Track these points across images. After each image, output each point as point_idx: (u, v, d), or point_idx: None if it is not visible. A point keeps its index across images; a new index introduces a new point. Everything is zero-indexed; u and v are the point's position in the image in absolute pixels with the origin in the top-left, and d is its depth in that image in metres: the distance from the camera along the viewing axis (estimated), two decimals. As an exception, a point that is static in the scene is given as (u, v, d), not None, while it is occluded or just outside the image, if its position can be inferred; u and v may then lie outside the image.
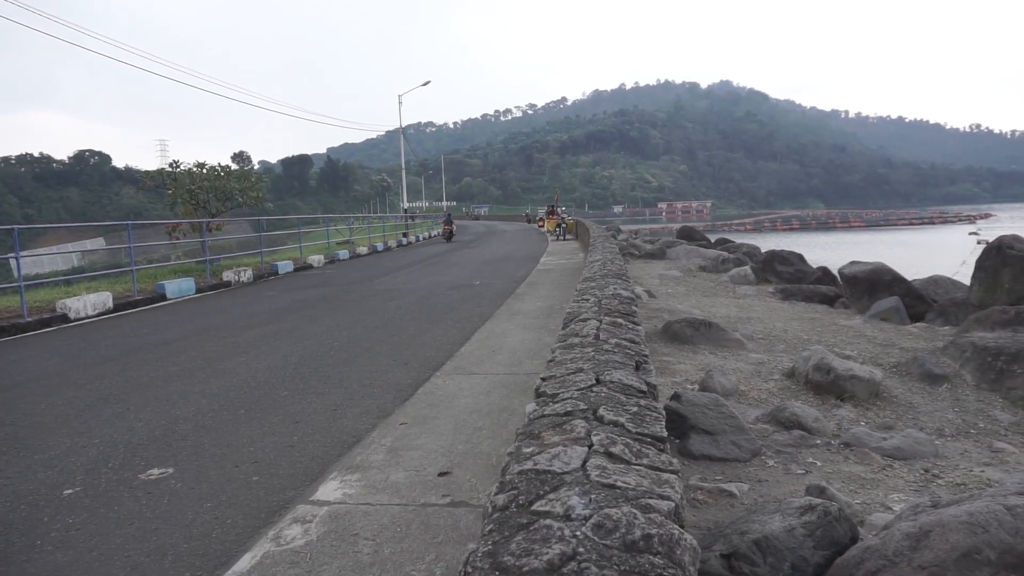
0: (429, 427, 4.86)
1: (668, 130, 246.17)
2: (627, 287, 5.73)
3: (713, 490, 3.85)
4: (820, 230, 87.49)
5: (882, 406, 5.97)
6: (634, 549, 1.22)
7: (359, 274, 16.99)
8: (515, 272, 15.80)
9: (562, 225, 31.75)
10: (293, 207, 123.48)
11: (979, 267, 9.43)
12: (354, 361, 7.01)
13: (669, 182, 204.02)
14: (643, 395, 2.35)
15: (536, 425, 1.99)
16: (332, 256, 22.04)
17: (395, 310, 10.39)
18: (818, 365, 6.21)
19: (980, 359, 6.83)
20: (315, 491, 3.79)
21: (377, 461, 4.23)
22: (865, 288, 11.12)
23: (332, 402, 5.56)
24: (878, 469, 4.47)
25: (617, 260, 9.02)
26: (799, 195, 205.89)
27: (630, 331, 3.52)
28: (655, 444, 1.86)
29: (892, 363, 7.24)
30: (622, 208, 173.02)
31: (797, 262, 15.68)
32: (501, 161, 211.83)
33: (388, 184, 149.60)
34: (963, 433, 5.52)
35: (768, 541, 2.63)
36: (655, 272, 15.70)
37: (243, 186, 20.00)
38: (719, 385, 5.81)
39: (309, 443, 4.59)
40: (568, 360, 2.82)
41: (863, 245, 54.05)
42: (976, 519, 2.27)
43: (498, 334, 8.23)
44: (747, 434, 4.66)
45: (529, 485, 1.53)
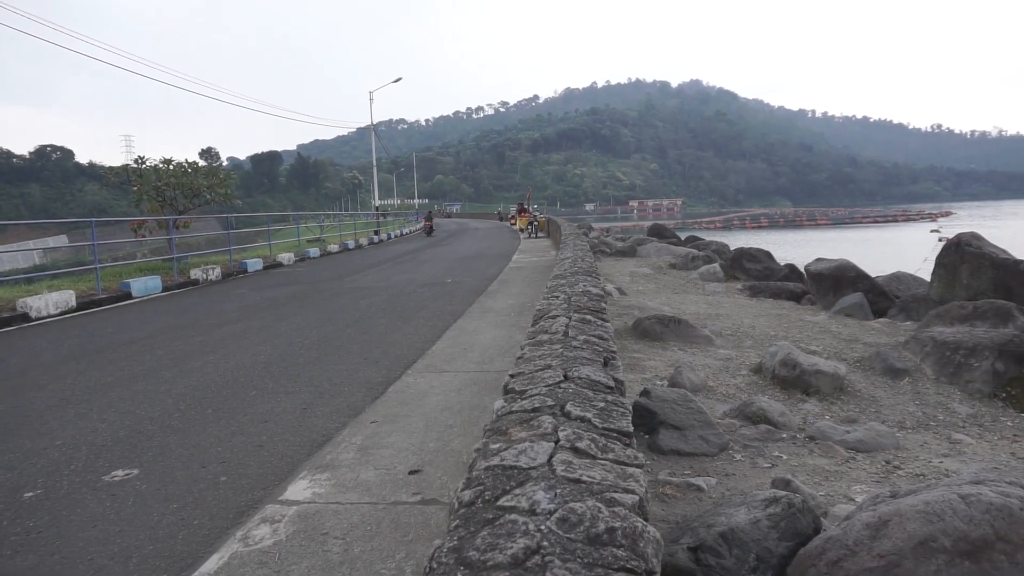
0: (400, 425, 4.85)
1: (639, 129, 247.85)
2: (597, 284, 5.77)
3: (681, 484, 3.90)
4: (788, 228, 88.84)
5: (846, 400, 6.09)
6: (598, 542, 1.24)
7: (330, 272, 16.85)
8: (487, 270, 15.80)
9: (534, 223, 31.86)
10: (263, 204, 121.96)
11: (939, 264, 9.67)
12: (324, 359, 6.96)
13: (640, 180, 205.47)
14: (610, 391, 2.38)
15: (504, 421, 2.01)
16: (303, 254, 21.82)
17: (366, 308, 10.33)
18: (784, 360, 6.32)
19: (939, 353, 7.01)
20: (284, 491, 3.76)
21: (347, 460, 4.21)
22: (830, 285, 11.34)
23: (302, 401, 5.51)
24: (842, 461, 4.56)
25: (587, 258, 9.07)
26: (767, 193, 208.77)
27: (599, 328, 3.55)
28: (621, 439, 1.89)
29: (856, 358, 7.39)
30: (594, 206, 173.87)
31: (765, 259, 15.91)
32: (473, 159, 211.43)
33: (359, 181, 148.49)
34: (923, 425, 5.66)
35: (734, 533, 2.68)
36: (626, 269, 15.81)
37: (211, 183, 19.67)
38: (688, 381, 5.89)
39: (278, 442, 4.55)
40: (537, 357, 2.84)
41: (829, 243, 55.03)
42: (932, 508, 2.34)
43: (469, 332, 8.23)
44: (715, 429, 4.72)
45: (495, 481, 1.54)
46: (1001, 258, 8.81)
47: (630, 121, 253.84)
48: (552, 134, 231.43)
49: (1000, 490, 2.43)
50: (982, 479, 2.60)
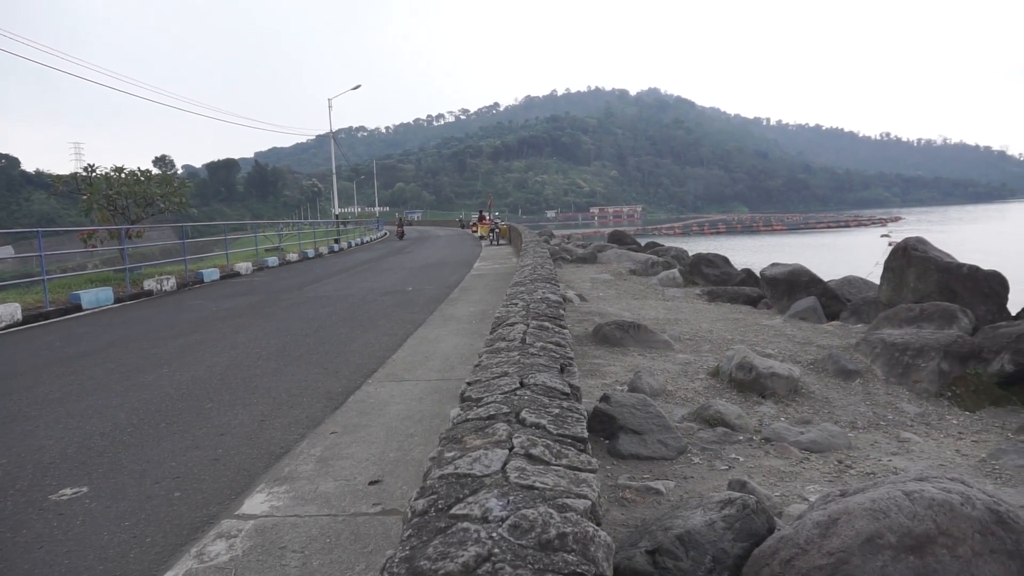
0: (360, 435, 4.81)
1: (599, 136, 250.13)
2: (556, 291, 5.81)
3: (641, 488, 3.94)
4: (745, 233, 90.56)
5: (800, 402, 6.23)
6: (549, 548, 1.25)
7: (289, 281, 16.62)
8: (449, 277, 15.77)
9: (495, 230, 31.94)
10: (220, 213, 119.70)
11: (887, 268, 9.97)
12: (283, 370, 6.87)
13: (601, 187, 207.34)
14: (566, 397, 2.40)
15: (459, 429, 2.01)
16: (261, 263, 21.48)
17: (326, 317, 10.22)
18: (741, 364, 6.43)
19: (889, 355, 7.22)
20: (241, 505, 3.70)
21: (306, 471, 4.16)
22: (785, 289, 11.59)
23: (260, 413, 5.43)
24: (796, 462, 4.66)
25: (547, 265, 9.12)
26: (725, 199, 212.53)
27: (556, 334, 3.58)
28: (575, 444, 1.91)
29: (810, 360, 7.56)
30: (555, 213, 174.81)
31: (723, 265, 16.20)
32: (434, 166, 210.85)
33: (319, 189, 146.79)
34: (874, 425, 5.82)
35: (690, 535, 2.72)
36: (587, 276, 15.93)
37: (165, 191, 19.28)
38: (647, 386, 5.95)
39: (235, 455, 4.47)
40: (494, 364, 2.85)
41: (785, 248, 56.26)
42: (878, 505, 2.41)
43: (431, 340, 8.21)
44: (674, 433, 4.79)
45: (449, 489, 1.54)
46: (945, 262, 9.12)
47: (590, 129, 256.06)
48: (513, 141, 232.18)
49: (942, 486, 2.51)
50: (925, 476, 2.69)
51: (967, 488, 2.53)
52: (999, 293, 8.73)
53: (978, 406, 6.57)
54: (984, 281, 8.77)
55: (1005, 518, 2.39)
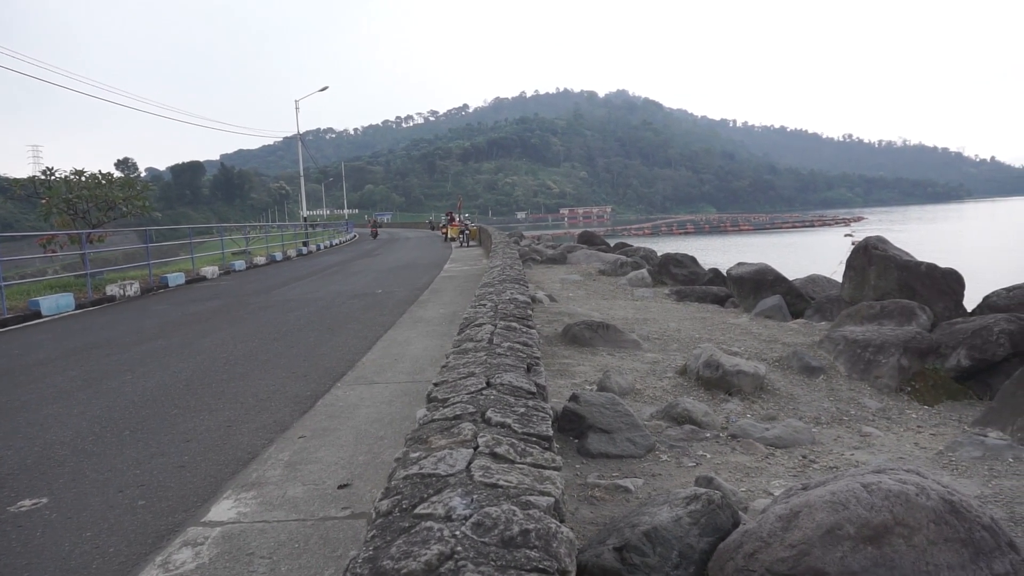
0: (329, 439, 4.78)
1: (568, 137, 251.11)
2: (524, 292, 5.83)
3: (610, 487, 3.98)
4: (713, 234, 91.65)
5: (766, 398, 6.34)
6: (512, 545, 1.26)
7: (256, 285, 16.42)
8: (418, 279, 15.72)
9: (465, 232, 31.93)
10: (184, 216, 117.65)
11: (849, 266, 10.18)
12: (250, 375, 6.79)
13: (570, 188, 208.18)
14: (532, 396, 2.42)
15: (425, 430, 2.02)
16: (227, 267, 21.18)
17: (294, 321, 10.12)
18: (708, 362, 6.52)
19: (851, 351, 7.38)
20: (207, 512, 3.65)
21: (274, 477, 4.12)
22: (751, 288, 11.77)
23: (226, 418, 5.36)
24: (762, 458, 4.75)
25: (516, 265, 9.15)
26: (693, 200, 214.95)
27: (524, 335, 3.60)
28: (540, 443, 1.93)
29: (775, 358, 7.69)
30: (525, 214, 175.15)
31: (691, 264, 16.38)
32: (403, 168, 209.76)
33: (287, 192, 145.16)
34: (837, 420, 5.95)
35: (657, 532, 2.75)
36: (556, 277, 16.00)
37: (128, 195, 18.90)
38: (616, 385, 6.01)
39: (201, 462, 4.41)
40: (461, 365, 2.86)
41: (752, 247, 57.08)
42: (837, 498, 2.47)
43: (400, 342, 8.18)
44: (642, 431, 4.84)
45: (414, 489, 1.55)
46: (905, 260, 9.35)
47: (559, 130, 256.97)
48: (482, 143, 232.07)
49: (898, 478, 2.59)
50: (883, 468, 2.76)
51: (922, 479, 2.60)
52: (955, 290, 8.97)
53: (936, 400, 6.75)
54: (941, 278, 9.00)
55: (958, 507, 2.47)
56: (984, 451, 4.59)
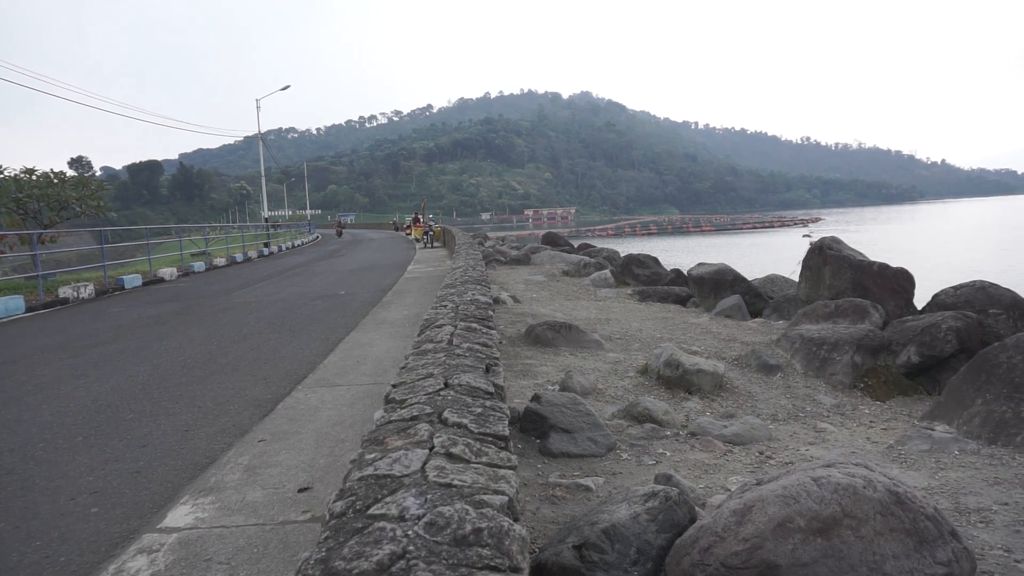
0: (289, 443, 4.73)
1: (532, 138, 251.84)
2: (486, 293, 5.85)
3: (571, 486, 4.02)
4: (676, 234, 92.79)
5: (725, 396, 6.46)
6: (464, 543, 1.28)
7: (216, 286, 16.13)
8: (382, 281, 15.62)
9: (430, 232, 31.83)
10: (142, 217, 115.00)
11: (805, 266, 10.42)
12: (209, 378, 6.68)
13: (535, 189, 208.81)
14: (490, 396, 2.44)
15: (381, 431, 2.02)
16: (187, 268, 20.76)
17: (255, 323, 9.97)
18: (668, 361, 6.62)
19: (807, 349, 7.56)
20: (164, 518, 3.59)
21: (233, 481, 4.06)
22: (711, 288, 11.97)
23: (184, 422, 5.27)
24: (720, 455, 4.84)
25: (479, 266, 9.16)
26: (656, 201, 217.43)
27: (484, 335, 3.61)
28: (496, 442, 1.94)
29: (734, 356, 7.84)
30: (490, 215, 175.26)
31: (653, 265, 16.58)
32: (367, 168, 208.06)
33: (248, 192, 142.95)
34: (793, 417, 6.09)
35: (615, 529, 2.79)
36: (520, 277, 16.04)
37: (81, 194, 18.46)
38: (578, 385, 6.06)
39: (158, 467, 4.33)
40: (420, 366, 2.86)
41: (714, 248, 57.97)
42: (789, 492, 2.54)
43: (363, 344, 8.12)
44: (603, 430, 4.89)
45: (368, 490, 1.56)
46: (858, 260, 9.60)
47: (523, 131, 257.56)
48: (447, 144, 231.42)
49: (847, 471, 2.67)
50: (833, 463, 2.84)
51: (869, 472, 2.69)
52: (906, 289, 9.25)
53: (888, 396, 6.95)
54: (893, 278, 9.27)
55: (903, 498, 2.56)
56: (931, 444, 4.74)
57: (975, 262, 34.75)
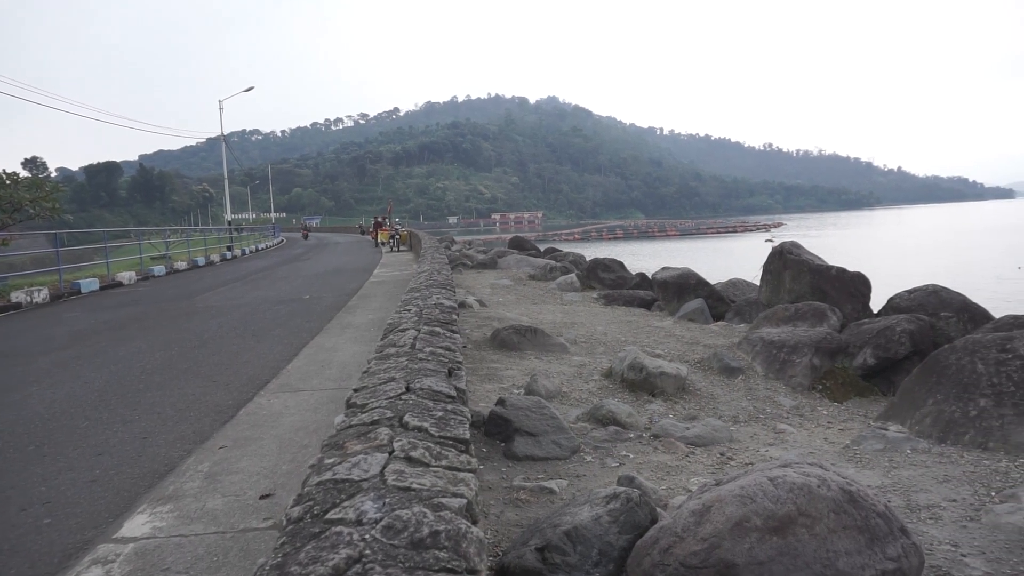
0: (251, 449, 4.67)
1: (500, 143, 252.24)
2: (451, 297, 5.85)
3: (535, 489, 4.03)
4: (641, 239, 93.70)
5: (688, 399, 6.55)
6: (421, 546, 1.29)
7: (177, 291, 15.83)
8: (347, 285, 15.49)
9: (396, 236, 31.67)
10: (100, 219, 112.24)
11: (766, 270, 10.62)
12: (168, 384, 6.55)
13: (502, 193, 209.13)
14: (451, 400, 2.44)
15: (342, 436, 2.02)
16: (146, 272, 20.35)
17: (216, 328, 9.81)
18: (632, 364, 6.69)
19: (767, 352, 7.70)
20: (120, 527, 3.52)
21: (192, 489, 4.00)
22: (675, 291, 12.12)
23: (142, 429, 5.16)
24: (682, 456, 4.90)
25: (444, 270, 9.15)
26: (622, 206, 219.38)
27: (447, 339, 3.62)
28: (457, 446, 1.95)
29: (697, 359, 7.95)
30: (457, 219, 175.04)
31: (618, 269, 16.72)
32: (333, 171, 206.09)
33: (211, 194, 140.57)
34: (754, 418, 6.20)
35: (577, 531, 2.82)
36: (487, 281, 16.05)
37: (36, 196, 17.97)
38: (543, 388, 6.09)
39: (114, 476, 4.24)
40: (382, 370, 2.86)
41: (679, 252, 58.70)
42: (746, 491, 2.59)
43: (328, 348, 8.05)
44: (567, 433, 4.93)
45: (326, 495, 1.55)
46: (817, 264, 9.82)
47: (491, 135, 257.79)
48: (414, 147, 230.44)
49: (802, 471, 2.73)
50: (789, 463, 2.91)
51: (824, 472, 2.76)
52: (863, 292, 9.48)
53: (845, 397, 7.12)
54: (850, 282, 9.50)
55: (856, 497, 2.63)
56: (885, 444, 4.88)
57: (928, 266, 35.77)
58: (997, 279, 29.13)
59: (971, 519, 3.47)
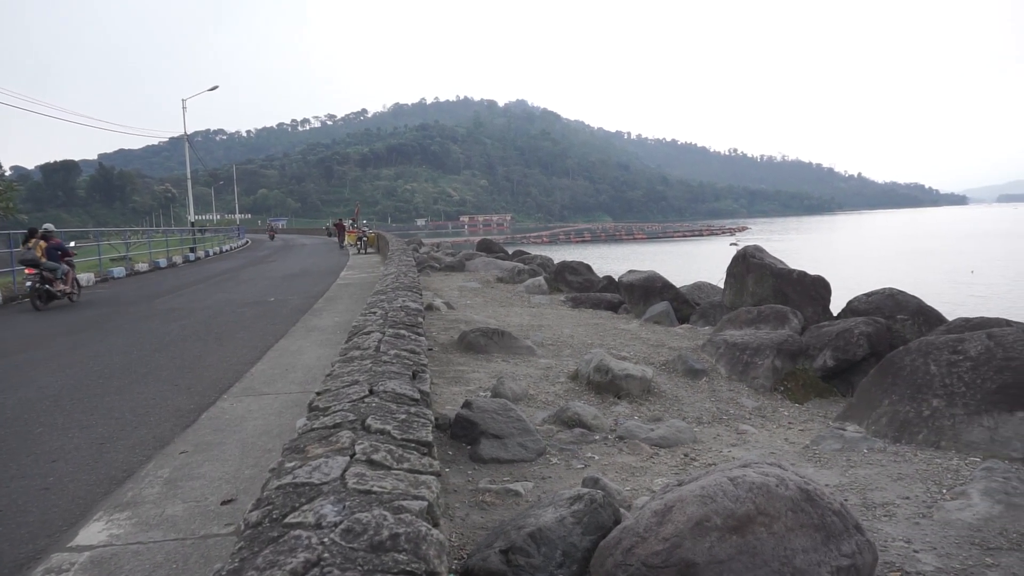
0: (213, 454, 4.60)
1: (468, 145, 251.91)
2: (417, 299, 5.83)
3: (501, 491, 4.04)
4: (609, 242, 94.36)
5: (653, 400, 6.62)
6: (380, 549, 1.29)
7: (137, 293, 15.50)
8: (313, 287, 15.33)
9: (363, 238, 31.45)
10: (57, 219, 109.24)
11: (729, 274, 10.79)
12: (128, 389, 6.41)
13: (471, 196, 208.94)
14: (415, 403, 2.44)
15: (303, 439, 2.00)
16: (105, 274, 19.89)
17: (178, 331, 9.63)
18: (598, 367, 6.74)
19: (731, 354, 7.82)
20: (75, 536, 3.43)
21: (152, 495, 3.92)
22: (641, 294, 12.24)
23: (99, 435, 5.05)
24: (647, 457, 4.96)
25: (411, 273, 9.12)
26: (590, 209, 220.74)
27: (412, 342, 3.61)
28: (419, 448, 1.95)
29: (662, 361, 8.04)
30: (425, 221, 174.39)
31: (585, 272, 16.83)
32: (300, 172, 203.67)
33: (173, 195, 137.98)
34: (717, 419, 6.29)
35: (541, 533, 2.83)
36: (455, 284, 16.03)
37: (-12, 196, 17.40)
38: (509, 391, 6.10)
39: (69, 483, 4.13)
40: (346, 373, 2.84)
41: (646, 255, 59.22)
42: (706, 491, 2.63)
43: (293, 352, 7.96)
44: (533, 435, 4.94)
45: (285, 499, 1.54)
46: (779, 268, 10.01)
47: (459, 138, 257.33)
48: (382, 149, 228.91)
49: (761, 471, 2.79)
50: (749, 463, 2.96)
51: (782, 471, 2.82)
52: (823, 296, 9.69)
53: (806, 398, 7.27)
54: (811, 285, 9.70)
55: (812, 495, 2.69)
56: (843, 444, 4.99)
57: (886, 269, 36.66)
58: (951, 283, 30.00)
59: (923, 516, 3.57)
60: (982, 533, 3.32)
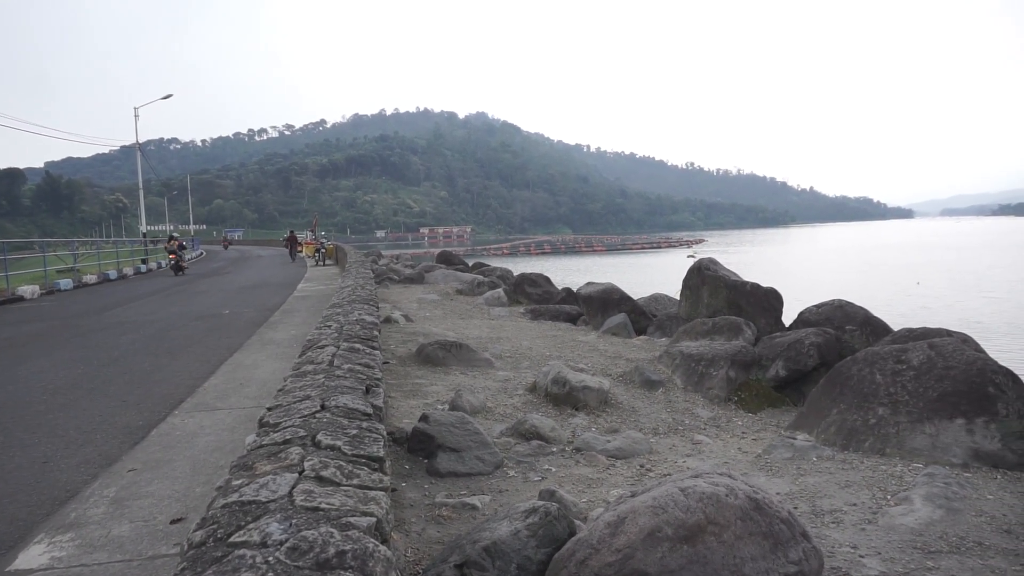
0: (163, 471, 4.49)
1: (428, 157, 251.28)
2: (374, 312, 5.80)
3: (457, 505, 4.03)
4: (569, 254, 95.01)
5: (610, 412, 6.67)
6: (327, 567, 1.28)
7: (85, 306, 15.05)
8: (269, 300, 15.09)
9: (322, 250, 31.12)
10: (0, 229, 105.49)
11: (685, 285, 10.97)
12: (73, 405, 6.22)
13: (431, 208, 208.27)
14: (367, 418, 2.43)
15: (251, 456, 1.98)
16: (51, 286, 19.25)
17: (128, 345, 9.38)
18: (556, 379, 6.77)
19: (687, 365, 7.94)
20: (14, 560, 3.31)
21: (96, 515, 3.81)
22: (599, 306, 12.35)
23: (42, 453, 4.88)
24: (603, 469, 5.00)
25: (368, 285, 9.06)
26: (550, 221, 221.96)
27: (366, 356, 3.59)
28: (369, 464, 1.95)
29: (619, 373, 8.11)
30: (385, 233, 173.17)
31: (544, 284, 16.92)
32: (257, 183, 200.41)
33: (124, 205, 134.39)
34: (673, 430, 6.38)
35: (496, 546, 2.84)
36: (414, 296, 15.95)
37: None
38: (467, 404, 6.09)
39: (8, 504, 3.99)
40: (298, 388, 2.81)
41: (605, 267, 59.78)
42: (658, 502, 2.68)
43: (247, 366, 7.82)
44: (491, 448, 4.94)
45: (231, 517, 1.52)
46: (733, 280, 10.21)
47: (419, 149, 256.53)
48: (341, 160, 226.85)
49: (712, 480, 2.84)
50: (700, 473, 3.02)
51: (732, 481, 2.87)
52: (776, 307, 9.92)
53: (759, 408, 7.41)
54: (764, 297, 9.92)
55: (761, 504, 2.76)
56: (794, 452, 5.11)
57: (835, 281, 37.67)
58: (899, 294, 30.97)
59: (869, 522, 3.68)
60: (924, 537, 3.43)
